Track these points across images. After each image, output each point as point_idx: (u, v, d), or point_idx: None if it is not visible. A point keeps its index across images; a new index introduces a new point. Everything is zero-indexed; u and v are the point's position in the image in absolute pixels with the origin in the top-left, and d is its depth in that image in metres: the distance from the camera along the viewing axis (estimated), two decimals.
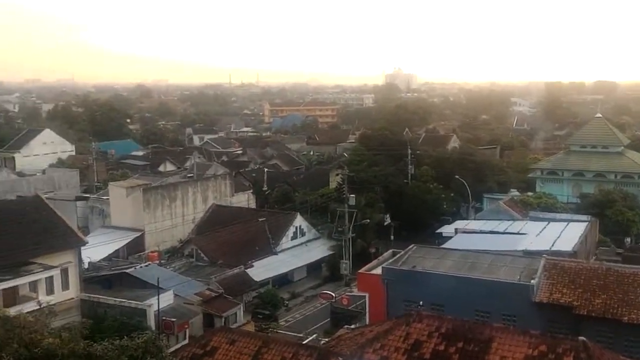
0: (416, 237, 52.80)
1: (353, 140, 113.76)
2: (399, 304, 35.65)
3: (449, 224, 57.70)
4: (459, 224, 56.24)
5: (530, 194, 68.03)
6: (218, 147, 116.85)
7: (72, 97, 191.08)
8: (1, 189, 65.47)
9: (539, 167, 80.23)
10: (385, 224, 64.41)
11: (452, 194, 72.92)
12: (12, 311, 27.31)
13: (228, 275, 47.07)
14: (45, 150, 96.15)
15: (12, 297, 34.05)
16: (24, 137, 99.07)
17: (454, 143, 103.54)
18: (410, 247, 41.40)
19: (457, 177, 72.32)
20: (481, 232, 50.57)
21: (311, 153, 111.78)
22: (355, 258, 56.25)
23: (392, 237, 63.04)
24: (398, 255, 40.89)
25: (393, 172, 73.34)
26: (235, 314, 43.01)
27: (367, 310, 40.98)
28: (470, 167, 76.89)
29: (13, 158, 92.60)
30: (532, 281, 33.83)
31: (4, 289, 33.64)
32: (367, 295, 40.97)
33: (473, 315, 31.20)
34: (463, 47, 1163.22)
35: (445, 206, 70.41)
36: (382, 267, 39.34)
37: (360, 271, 43.51)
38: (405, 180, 73.67)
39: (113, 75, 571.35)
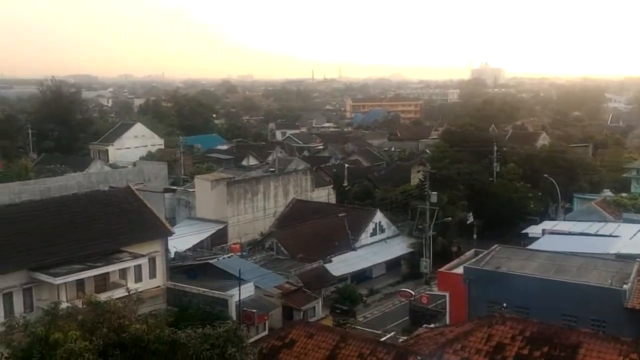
0: (500, 237, 51.16)
1: (436, 137, 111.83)
2: (481, 305, 34.66)
3: (536, 225, 55.55)
4: (547, 224, 54.08)
5: (624, 194, 64.51)
6: (300, 142, 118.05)
7: (162, 93, 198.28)
8: (95, 180, 68.91)
9: (634, 167, 75.88)
10: (468, 222, 62.84)
11: (540, 193, 70.25)
12: (103, 297, 28.52)
13: (307, 269, 47.42)
14: (136, 143, 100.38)
15: (103, 283, 35.71)
16: (116, 130, 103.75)
17: (543, 140, 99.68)
18: (494, 247, 40.17)
19: (546, 175, 69.57)
20: (570, 233, 48.37)
21: (392, 149, 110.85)
22: (436, 256, 55.26)
23: (474, 236, 61.44)
24: (481, 255, 39.78)
25: (477, 169, 71.44)
26: (314, 308, 43.28)
27: (447, 310, 40.17)
28: (560, 165, 73.75)
29: (106, 150, 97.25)
30: (625, 286, 31.98)
31: (96, 276, 35.33)
32: (447, 294, 40.14)
33: (560, 320, 29.87)
34: (554, 40, 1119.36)
35: (532, 206, 67.88)
36: (464, 267, 38.38)
37: (440, 270, 42.67)
38: (490, 178, 71.62)
39: (200, 71, 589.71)
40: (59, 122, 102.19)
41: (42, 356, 21.57)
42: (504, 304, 32.34)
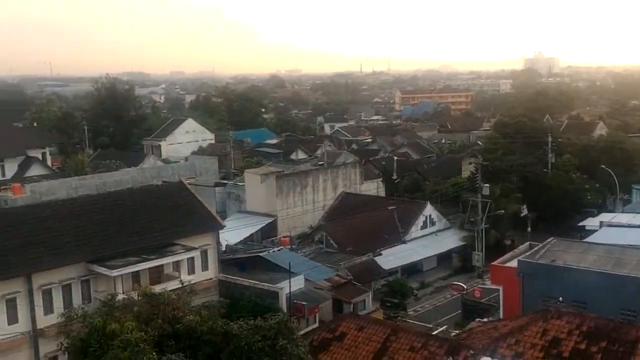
0: (555, 229, 49.97)
1: (488, 128, 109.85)
2: (535, 299, 33.91)
3: (593, 217, 53.94)
4: (605, 216, 52.40)
5: None
6: (348, 135, 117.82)
7: (212, 88, 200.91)
8: (149, 175, 70.36)
9: None
10: (522, 215, 61.52)
11: (597, 185, 68.16)
12: (157, 289, 29.16)
13: (357, 262, 47.32)
14: (188, 138, 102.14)
15: (158, 275, 36.50)
16: (168, 126, 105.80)
17: (600, 130, 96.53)
18: (549, 240, 39.23)
19: (603, 166, 67.41)
20: (629, 226, 46.72)
21: (443, 141, 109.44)
22: (489, 250, 54.32)
23: (528, 229, 60.16)
24: (536, 248, 38.95)
25: (531, 161, 69.81)
26: (364, 301, 43.19)
27: (500, 304, 39.43)
28: (618, 156, 71.35)
29: (159, 146, 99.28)
30: None
31: (151, 268, 36.12)
32: (500, 288, 39.39)
33: (618, 314, 28.93)
34: (611, 28, 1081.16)
35: (589, 198, 65.93)
36: (518, 260, 37.62)
37: (494, 263, 41.91)
38: (544, 170, 69.90)
39: (249, 66, 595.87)
40: (113, 118, 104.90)
41: (99, 346, 22.17)
42: (560, 298, 31.53)
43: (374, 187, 68.58)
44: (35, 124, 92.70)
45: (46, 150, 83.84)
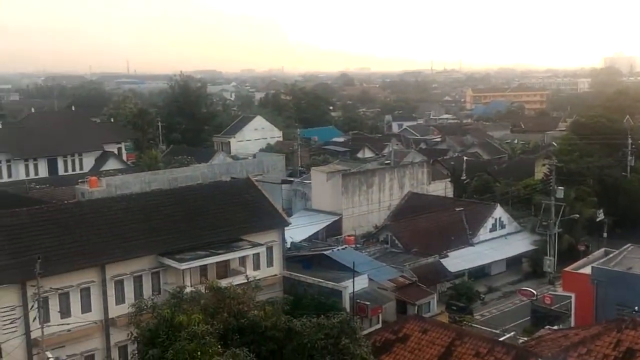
0: (633, 236, 47.54)
1: (563, 128, 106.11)
2: (609, 307, 32.52)
3: None
4: None
5: None
6: (416, 134, 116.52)
7: (281, 86, 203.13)
8: (218, 171, 71.93)
9: None
10: (598, 220, 58.99)
11: None
12: (224, 283, 29.69)
13: (422, 263, 46.69)
14: (256, 135, 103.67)
15: (224, 270, 37.25)
16: (238, 123, 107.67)
17: None
18: (626, 246, 37.53)
19: None
20: None
21: (515, 141, 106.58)
22: (561, 255, 52.44)
23: (604, 235, 57.65)
24: (611, 255, 37.36)
25: (609, 163, 66.84)
26: (429, 303, 42.61)
27: (572, 311, 38.06)
28: None
29: (229, 142, 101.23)
30: None
31: (218, 262, 36.91)
32: (573, 295, 37.99)
33: None
34: None
35: None
36: (592, 267, 36.16)
37: (566, 269, 40.44)
38: (623, 173, 66.83)
39: (319, 65, 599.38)
40: (186, 115, 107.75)
41: (167, 337, 22.72)
42: (636, 308, 30.09)
43: (441, 188, 67.49)
44: (112, 120, 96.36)
45: (122, 145, 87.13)
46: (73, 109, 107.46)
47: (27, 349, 30.91)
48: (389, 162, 74.47)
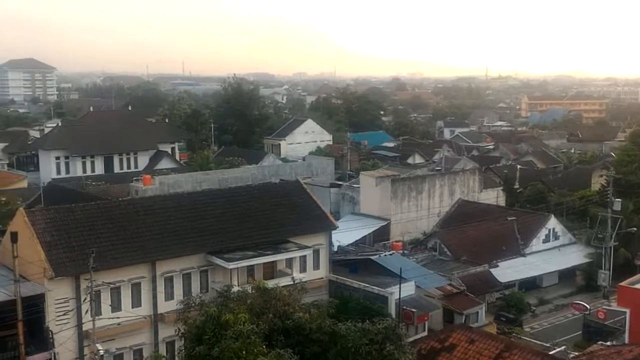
0: None
1: (622, 139, 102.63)
2: None
3: None
4: None
5: None
6: (469, 141, 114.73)
7: (333, 90, 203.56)
8: (267, 173, 72.56)
9: None
10: None
11: None
12: (270, 284, 29.86)
13: (471, 272, 45.91)
14: (307, 138, 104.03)
15: (271, 271, 37.46)
16: (289, 126, 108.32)
17: None
18: None
19: None
20: None
21: (572, 151, 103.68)
22: (616, 269, 50.72)
23: None
24: None
25: None
26: (477, 313, 41.83)
27: (626, 327, 36.67)
28: None
29: (279, 145, 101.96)
30: None
31: (265, 263, 37.15)
32: (627, 311, 36.61)
33: None
34: None
35: None
36: None
37: (621, 284, 38.94)
38: None
39: (371, 69, 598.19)
40: (238, 117, 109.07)
41: (213, 334, 22.99)
42: None
43: (493, 196, 66.22)
44: (166, 120, 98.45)
45: (175, 145, 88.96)
46: (130, 108, 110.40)
47: (79, 340, 31.78)
48: (439, 168, 73.57)
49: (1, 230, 40.31)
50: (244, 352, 21.76)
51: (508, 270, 48.50)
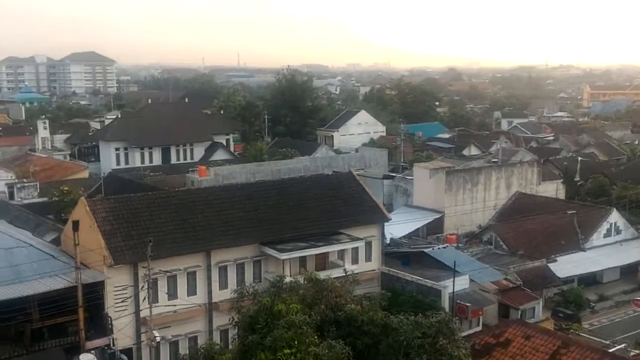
0: None
1: None
2: None
3: None
4: None
5: None
6: (527, 132, 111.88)
7: (387, 81, 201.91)
8: (320, 164, 72.69)
9: None
10: None
11: None
12: (322, 275, 29.90)
13: (528, 267, 44.89)
14: (360, 130, 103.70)
15: (323, 262, 37.54)
16: (342, 117, 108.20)
17: None
18: None
19: None
20: None
21: (636, 142, 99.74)
22: None
23: None
24: None
25: None
26: (533, 308, 40.90)
27: None
28: None
29: (332, 136, 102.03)
30: None
31: (317, 254, 37.26)
32: None
33: None
34: None
35: None
36: None
37: None
38: None
39: (426, 59, 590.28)
40: (291, 108, 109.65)
41: (266, 324, 23.21)
42: None
43: (552, 189, 64.40)
44: (221, 112, 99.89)
45: (230, 137, 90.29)
46: (186, 100, 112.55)
47: (136, 327, 32.67)
48: (496, 160, 72.05)
49: (64, 219, 41.92)
50: (296, 342, 21.89)
51: (567, 265, 47.18)
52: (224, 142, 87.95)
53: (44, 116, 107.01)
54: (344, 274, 31.53)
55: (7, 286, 29.91)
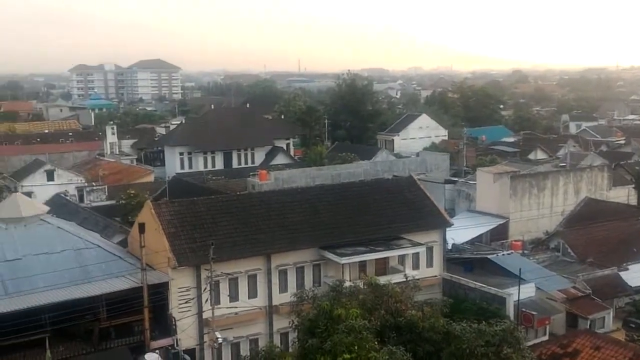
0: None
1: None
2: None
3: None
4: None
5: None
6: (597, 135, 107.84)
7: (449, 84, 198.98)
8: (380, 168, 72.29)
9: None
10: None
11: None
12: (382, 280, 29.63)
13: (598, 275, 43.14)
14: (421, 134, 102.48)
15: (383, 267, 37.20)
16: (403, 121, 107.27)
17: None
18: None
19: None
20: None
21: None
22: None
23: None
24: None
25: None
26: (603, 318, 39.25)
27: None
28: None
29: (392, 140, 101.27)
30: None
31: (377, 259, 36.96)
32: None
33: None
34: None
35: None
36: None
37: None
38: None
39: (489, 62, 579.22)
40: (351, 112, 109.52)
41: (326, 328, 23.17)
42: None
43: (624, 194, 61.80)
44: (282, 117, 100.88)
45: (290, 141, 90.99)
46: (247, 105, 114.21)
47: (199, 328, 33.22)
48: (564, 164, 69.78)
49: (130, 222, 43.16)
50: (355, 347, 21.74)
51: (639, 274, 45.06)
52: (284, 147, 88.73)
53: (112, 122, 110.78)
54: (405, 280, 31.13)
55: (77, 286, 31.00)
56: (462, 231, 48.61)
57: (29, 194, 50.99)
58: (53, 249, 33.11)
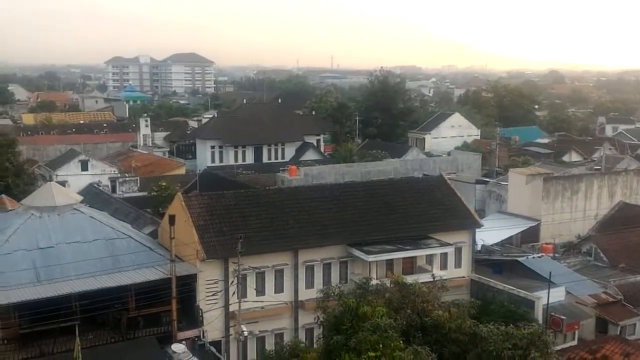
0: None
1: None
2: None
3: None
4: None
5: None
6: (633, 139, 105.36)
7: (483, 83, 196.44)
8: (410, 167, 71.80)
9: None
10: None
11: None
12: (409, 279, 29.47)
13: (630, 281, 42.23)
14: (453, 133, 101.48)
15: (410, 266, 37.02)
16: (435, 119, 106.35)
17: None
18: None
19: None
20: None
21: None
22: None
23: None
24: None
25: None
26: (634, 325, 38.41)
27: None
28: None
29: (423, 139, 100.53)
30: None
31: (404, 258, 36.78)
32: None
33: None
34: None
35: None
36: None
37: None
38: None
39: (526, 62, 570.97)
40: (383, 110, 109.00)
41: (351, 325, 23.18)
42: None
43: None
44: (313, 113, 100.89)
45: (320, 137, 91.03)
46: (279, 101, 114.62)
47: (225, 320, 33.51)
48: (599, 167, 68.41)
49: (161, 213, 43.72)
50: (380, 345, 21.70)
51: None
52: (315, 143, 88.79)
53: (145, 114, 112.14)
54: (432, 280, 30.95)
55: (107, 275, 31.53)
56: (492, 232, 48.03)
57: (63, 183, 51.90)
58: (85, 238, 33.70)
